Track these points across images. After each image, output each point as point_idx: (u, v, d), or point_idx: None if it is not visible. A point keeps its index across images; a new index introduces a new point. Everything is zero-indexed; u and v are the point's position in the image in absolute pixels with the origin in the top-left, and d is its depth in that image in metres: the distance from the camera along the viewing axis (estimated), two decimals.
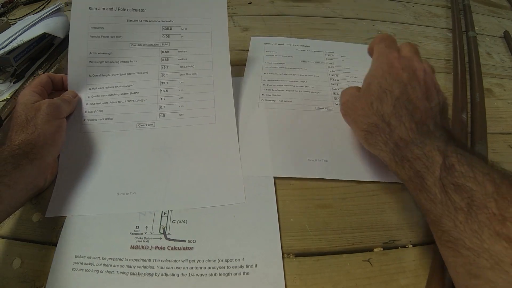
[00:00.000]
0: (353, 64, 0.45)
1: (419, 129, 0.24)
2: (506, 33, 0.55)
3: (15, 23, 0.50)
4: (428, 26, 0.57)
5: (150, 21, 0.37)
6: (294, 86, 0.41)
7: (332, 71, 0.43)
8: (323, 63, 0.45)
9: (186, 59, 0.38)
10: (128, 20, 0.36)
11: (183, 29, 0.38)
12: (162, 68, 0.37)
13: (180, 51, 0.38)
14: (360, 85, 0.41)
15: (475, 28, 0.55)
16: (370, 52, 0.33)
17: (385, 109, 0.26)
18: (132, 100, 0.36)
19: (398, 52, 0.29)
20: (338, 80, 0.42)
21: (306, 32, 0.52)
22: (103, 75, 0.36)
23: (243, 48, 0.46)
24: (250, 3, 0.60)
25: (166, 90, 0.36)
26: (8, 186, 0.24)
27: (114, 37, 0.36)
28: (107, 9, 0.36)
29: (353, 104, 0.29)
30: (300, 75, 0.43)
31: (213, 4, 0.39)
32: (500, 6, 0.67)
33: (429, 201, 0.22)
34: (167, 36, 0.38)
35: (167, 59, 0.37)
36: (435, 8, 0.63)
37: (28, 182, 0.27)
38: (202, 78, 0.37)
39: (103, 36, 0.36)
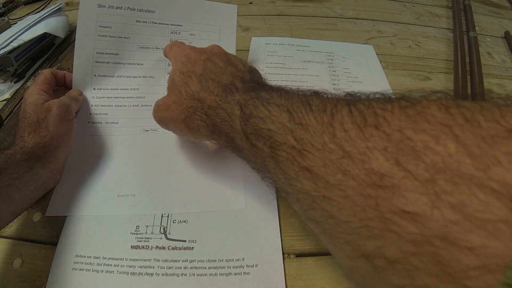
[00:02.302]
0: (353, 64, 0.45)
1: (226, 91, 0.23)
2: (507, 33, 0.55)
3: (15, 23, 0.50)
4: (428, 26, 0.57)
5: (159, 23, 0.37)
6: (295, 86, 0.41)
7: (333, 71, 0.43)
8: (323, 63, 0.45)
9: None
10: (137, 21, 0.36)
11: (192, 34, 0.38)
12: (169, 73, 0.37)
13: None
14: (360, 84, 0.42)
15: (476, 28, 0.55)
16: (166, 56, 0.33)
17: (193, 88, 0.25)
18: (138, 105, 0.35)
19: (188, 45, 0.30)
20: (338, 80, 0.42)
21: (307, 32, 0.52)
22: (109, 76, 0.36)
23: (243, 48, 0.46)
24: (251, 3, 0.60)
25: None
26: (19, 188, 0.25)
27: (121, 37, 0.36)
28: (116, 7, 0.35)
29: (164, 104, 0.28)
30: (301, 75, 0.43)
31: (223, 12, 0.39)
32: (501, 6, 0.67)
33: (246, 159, 0.21)
34: None
35: None
36: (435, 8, 0.63)
37: (39, 185, 0.27)
38: None
39: (111, 36, 0.35)
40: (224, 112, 0.22)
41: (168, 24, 0.37)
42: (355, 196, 0.14)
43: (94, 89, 0.35)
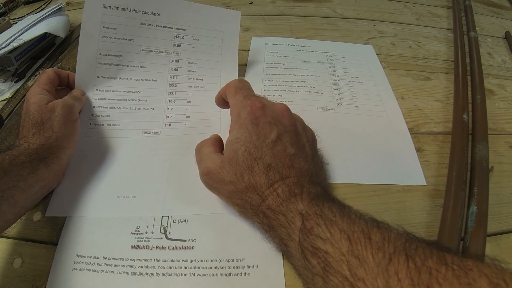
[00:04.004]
0: (354, 64, 0.45)
1: (292, 192, 0.22)
2: (507, 33, 0.55)
3: (16, 23, 0.50)
4: (429, 26, 0.57)
5: (163, 26, 0.37)
6: (295, 86, 0.41)
7: (333, 72, 0.44)
8: (324, 63, 0.45)
9: (195, 71, 0.38)
10: (141, 23, 0.36)
11: (195, 39, 0.38)
12: (171, 78, 0.37)
13: (190, 63, 0.38)
14: (360, 84, 0.42)
15: (476, 28, 0.55)
16: (220, 103, 0.30)
17: (258, 180, 0.23)
18: (140, 108, 0.35)
19: (257, 99, 0.26)
20: (339, 80, 0.42)
21: (307, 32, 0.52)
22: (111, 78, 0.36)
23: (244, 48, 0.46)
24: (251, 3, 0.60)
25: (174, 101, 0.36)
26: (23, 190, 0.25)
27: (126, 39, 0.36)
28: (121, 9, 0.35)
29: (218, 176, 0.25)
30: (301, 75, 0.43)
31: (227, 18, 0.39)
32: (502, 6, 0.67)
33: (297, 268, 0.21)
34: (179, 45, 0.38)
35: (176, 69, 0.37)
36: (436, 8, 0.63)
37: (43, 186, 0.27)
38: (210, 91, 0.37)
39: (115, 38, 0.35)
40: (284, 219, 0.21)
41: (172, 28, 0.37)
42: None
43: (96, 90, 0.35)
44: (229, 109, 0.28)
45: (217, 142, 0.28)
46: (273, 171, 0.23)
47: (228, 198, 0.25)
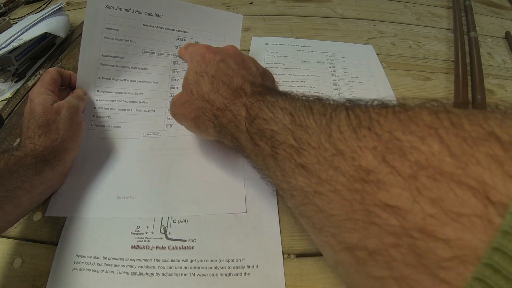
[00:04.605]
0: (354, 64, 0.45)
1: (236, 94, 0.24)
2: (507, 33, 0.55)
3: (16, 23, 0.50)
4: (429, 26, 0.57)
5: (165, 28, 0.37)
6: (295, 86, 0.41)
7: (333, 72, 0.43)
8: (324, 63, 0.45)
9: None
10: (144, 25, 0.36)
11: (197, 42, 0.38)
12: (173, 80, 0.37)
13: None
14: (360, 84, 0.42)
15: (477, 28, 0.55)
16: (181, 56, 0.34)
17: (204, 88, 0.26)
18: (141, 110, 0.35)
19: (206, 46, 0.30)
20: (339, 80, 0.42)
21: (307, 32, 0.52)
22: (113, 79, 0.36)
23: (244, 48, 0.46)
24: (251, 3, 0.60)
25: None
26: (28, 191, 0.25)
27: (128, 41, 0.36)
28: (124, 9, 0.35)
29: (178, 100, 0.29)
30: (301, 75, 0.43)
31: (229, 22, 0.39)
32: (502, 6, 0.67)
33: (248, 158, 0.22)
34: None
35: (177, 72, 0.37)
36: (436, 8, 0.63)
37: (47, 187, 0.27)
38: None
39: (117, 39, 0.35)
40: (231, 114, 0.23)
41: (174, 30, 0.37)
42: (343, 191, 0.15)
43: (97, 91, 0.35)
44: None
45: None
46: (216, 80, 0.26)
47: (187, 117, 0.27)
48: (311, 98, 0.21)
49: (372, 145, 0.14)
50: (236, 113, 0.23)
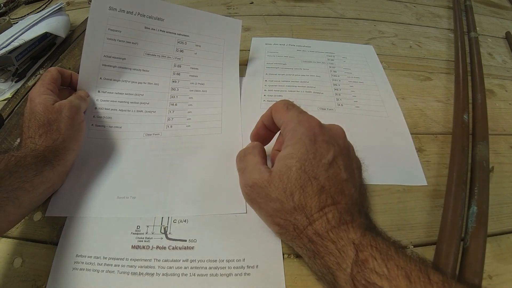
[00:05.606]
0: (354, 64, 0.45)
1: (343, 219, 0.21)
2: (508, 34, 0.55)
3: (16, 22, 0.50)
4: (429, 26, 0.57)
5: (167, 31, 0.37)
6: (296, 86, 0.41)
7: (334, 72, 0.43)
8: (324, 63, 0.45)
9: (197, 76, 0.39)
10: (146, 27, 0.36)
11: (197, 45, 0.39)
12: (173, 82, 0.37)
13: (192, 68, 0.39)
14: (360, 85, 0.42)
15: (477, 29, 0.55)
16: (261, 130, 0.28)
17: (309, 201, 0.21)
18: (142, 111, 0.36)
19: (313, 117, 0.25)
20: (339, 80, 0.42)
21: (308, 32, 0.52)
22: (114, 80, 0.36)
23: (244, 48, 0.46)
24: (252, 3, 0.60)
25: (175, 104, 0.37)
26: (28, 191, 0.25)
27: (130, 42, 0.36)
28: (127, 12, 0.35)
29: (264, 190, 0.23)
30: (301, 75, 0.43)
31: (229, 26, 0.41)
32: (502, 7, 0.67)
33: None
34: (181, 51, 0.38)
35: (178, 74, 0.38)
36: (436, 8, 0.63)
37: (47, 187, 0.27)
38: (211, 95, 0.38)
39: (120, 40, 0.36)
40: (334, 246, 0.20)
41: (175, 34, 0.38)
42: None
43: (99, 91, 0.35)
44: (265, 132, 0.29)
45: (263, 153, 0.27)
46: (325, 194, 0.21)
47: (270, 216, 0.23)
48: (423, 258, 0.19)
49: None
50: (341, 248, 0.20)
